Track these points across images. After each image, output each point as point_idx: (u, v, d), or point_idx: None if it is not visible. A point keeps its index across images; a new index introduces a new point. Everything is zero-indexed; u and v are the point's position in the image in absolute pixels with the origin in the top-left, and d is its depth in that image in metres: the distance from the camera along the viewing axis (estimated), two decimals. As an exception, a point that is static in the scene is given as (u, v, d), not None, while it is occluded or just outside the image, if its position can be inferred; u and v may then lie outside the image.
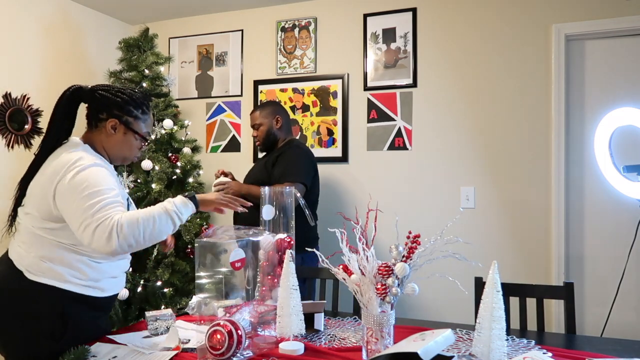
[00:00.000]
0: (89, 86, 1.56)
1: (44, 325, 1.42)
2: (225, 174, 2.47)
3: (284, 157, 2.48)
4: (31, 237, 1.45)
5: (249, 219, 2.32)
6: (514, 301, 1.77)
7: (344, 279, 1.35)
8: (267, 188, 1.76)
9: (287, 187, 1.90)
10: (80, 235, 1.39)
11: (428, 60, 2.96)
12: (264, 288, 1.66)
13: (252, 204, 1.60)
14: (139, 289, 2.79)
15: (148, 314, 1.58)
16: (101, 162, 1.50)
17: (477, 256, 2.35)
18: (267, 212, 1.84)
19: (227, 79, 3.46)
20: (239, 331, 1.31)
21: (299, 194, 1.99)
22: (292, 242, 1.78)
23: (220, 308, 1.56)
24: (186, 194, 1.54)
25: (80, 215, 1.37)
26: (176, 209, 1.48)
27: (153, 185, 2.89)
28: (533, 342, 1.48)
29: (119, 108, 1.54)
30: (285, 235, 1.78)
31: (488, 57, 2.84)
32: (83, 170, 1.41)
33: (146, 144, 1.64)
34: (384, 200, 2.90)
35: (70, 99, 1.54)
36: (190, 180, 3.09)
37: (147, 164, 2.89)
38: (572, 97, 2.75)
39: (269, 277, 1.66)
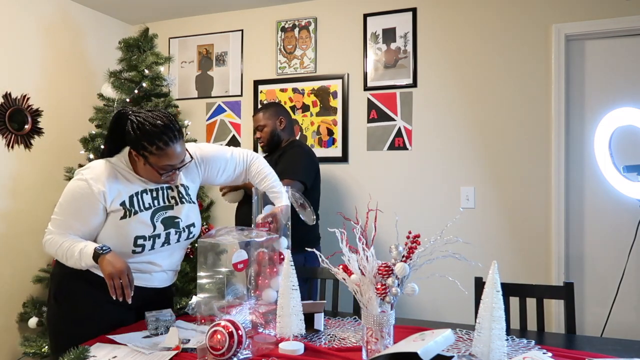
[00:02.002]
0: (130, 111, 1.60)
1: (51, 287, 1.70)
2: None
3: (285, 156, 2.49)
4: None
5: (248, 218, 2.33)
6: (514, 301, 1.77)
7: (344, 279, 1.35)
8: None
9: (286, 188, 1.90)
10: None
11: (428, 60, 2.96)
12: (257, 290, 1.66)
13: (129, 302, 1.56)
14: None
15: (148, 314, 1.58)
16: (97, 177, 1.56)
17: (477, 256, 2.35)
18: (267, 212, 1.84)
19: (227, 79, 3.46)
20: (239, 331, 1.31)
21: (297, 194, 1.99)
22: (272, 226, 1.74)
23: (220, 308, 1.56)
24: (102, 247, 1.51)
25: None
26: (80, 257, 1.53)
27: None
28: (533, 342, 1.48)
29: (135, 143, 1.56)
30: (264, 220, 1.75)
31: (488, 57, 2.84)
32: (72, 180, 1.61)
33: (171, 172, 1.61)
34: (384, 200, 2.90)
35: (114, 123, 1.63)
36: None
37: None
38: (572, 97, 2.75)
39: (260, 277, 1.66)
